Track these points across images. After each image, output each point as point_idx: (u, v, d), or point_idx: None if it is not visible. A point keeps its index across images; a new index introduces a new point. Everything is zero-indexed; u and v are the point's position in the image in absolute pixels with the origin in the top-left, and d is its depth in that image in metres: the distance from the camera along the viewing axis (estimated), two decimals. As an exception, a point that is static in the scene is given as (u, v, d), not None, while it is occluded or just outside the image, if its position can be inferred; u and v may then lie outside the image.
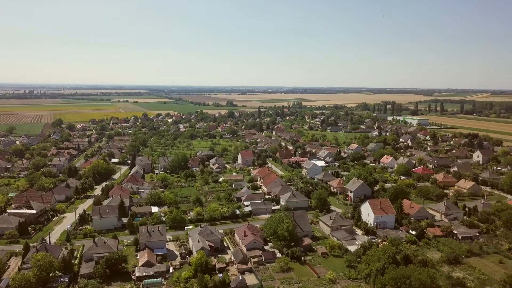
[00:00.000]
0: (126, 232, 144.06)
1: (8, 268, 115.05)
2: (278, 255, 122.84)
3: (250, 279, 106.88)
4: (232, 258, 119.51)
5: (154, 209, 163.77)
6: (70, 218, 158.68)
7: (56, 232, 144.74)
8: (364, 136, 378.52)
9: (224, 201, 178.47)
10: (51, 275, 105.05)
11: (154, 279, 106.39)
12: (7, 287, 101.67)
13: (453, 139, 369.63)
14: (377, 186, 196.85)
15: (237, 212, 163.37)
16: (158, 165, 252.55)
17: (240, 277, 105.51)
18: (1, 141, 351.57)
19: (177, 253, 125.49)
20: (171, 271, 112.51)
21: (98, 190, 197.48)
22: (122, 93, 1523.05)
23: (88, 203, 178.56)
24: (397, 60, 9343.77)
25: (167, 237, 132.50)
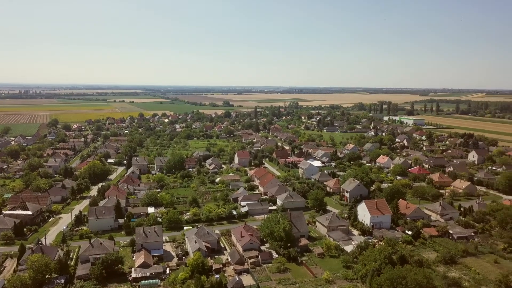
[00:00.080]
0: (122, 233, 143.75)
1: (3, 270, 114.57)
2: (275, 255, 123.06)
3: (247, 280, 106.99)
4: (229, 259, 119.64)
5: (151, 210, 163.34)
6: (66, 219, 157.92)
7: (52, 233, 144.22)
8: (360, 136, 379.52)
9: (221, 201, 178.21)
10: (47, 276, 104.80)
11: (151, 280, 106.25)
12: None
13: (449, 139, 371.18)
14: (373, 186, 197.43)
15: (234, 212, 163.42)
16: (154, 166, 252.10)
17: (237, 277, 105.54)
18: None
19: (174, 254, 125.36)
20: (167, 272, 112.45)
21: (94, 191, 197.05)
22: (118, 93, 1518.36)
23: (84, 204, 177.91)
24: (397, 60, 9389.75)
25: (163, 238, 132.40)
